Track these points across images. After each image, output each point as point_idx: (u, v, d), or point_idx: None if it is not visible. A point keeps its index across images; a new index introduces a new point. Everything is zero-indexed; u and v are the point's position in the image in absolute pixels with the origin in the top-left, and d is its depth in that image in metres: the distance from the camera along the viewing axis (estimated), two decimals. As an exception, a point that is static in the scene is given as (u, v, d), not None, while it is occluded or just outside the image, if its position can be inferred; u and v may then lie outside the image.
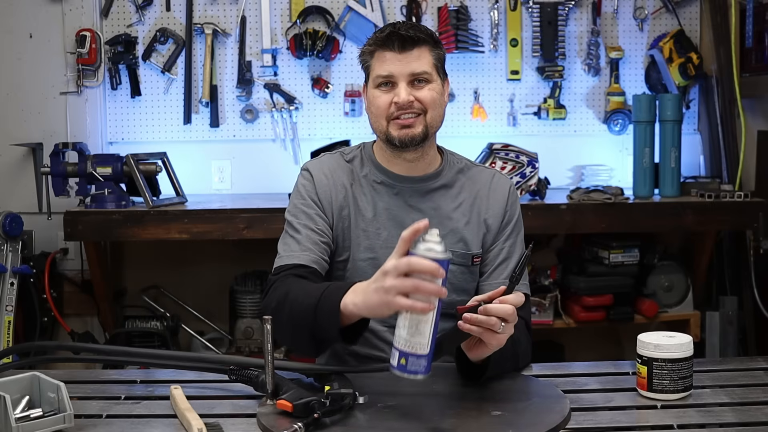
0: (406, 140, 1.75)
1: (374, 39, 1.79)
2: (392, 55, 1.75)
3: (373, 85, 1.79)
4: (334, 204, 1.81)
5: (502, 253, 1.83)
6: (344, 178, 1.84)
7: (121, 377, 1.74)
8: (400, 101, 1.74)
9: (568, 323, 3.22)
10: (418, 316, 1.34)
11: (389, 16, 3.33)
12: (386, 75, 1.75)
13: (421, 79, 1.76)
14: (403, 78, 1.75)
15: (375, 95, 1.78)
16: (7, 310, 3.02)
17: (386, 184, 1.83)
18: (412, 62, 1.75)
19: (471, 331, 1.47)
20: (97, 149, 3.28)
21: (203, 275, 3.40)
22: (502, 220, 1.84)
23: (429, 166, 1.84)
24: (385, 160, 1.84)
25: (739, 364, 1.78)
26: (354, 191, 1.83)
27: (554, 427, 1.39)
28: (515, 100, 3.42)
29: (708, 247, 3.27)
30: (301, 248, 1.74)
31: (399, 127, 1.75)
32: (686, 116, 3.37)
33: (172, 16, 3.33)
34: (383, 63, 1.76)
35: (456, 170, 1.87)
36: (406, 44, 1.74)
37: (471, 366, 1.59)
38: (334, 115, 3.40)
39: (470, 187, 1.86)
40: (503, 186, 1.88)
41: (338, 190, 1.82)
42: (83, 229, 2.94)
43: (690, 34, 3.39)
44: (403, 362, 1.36)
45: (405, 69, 1.75)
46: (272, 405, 1.45)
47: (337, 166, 1.86)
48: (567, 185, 3.41)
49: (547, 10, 3.33)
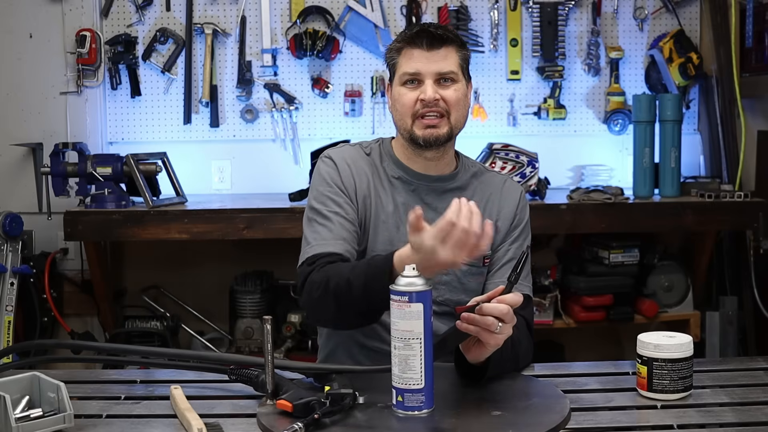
0: (430, 140, 1.76)
1: (403, 36, 1.80)
2: (420, 53, 1.76)
3: (399, 82, 1.79)
4: (358, 192, 1.81)
5: (508, 254, 1.84)
6: (366, 167, 1.84)
7: (121, 377, 1.74)
8: (427, 98, 1.74)
9: (568, 323, 3.22)
10: (407, 352, 1.39)
11: (389, 16, 3.33)
12: (413, 72, 1.76)
13: (447, 78, 1.77)
14: (430, 76, 1.75)
15: (401, 92, 1.78)
16: (7, 310, 3.03)
17: (403, 180, 1.83)
18: (440, 61, 1.76)
19: (468, 330, 1.47)
20: (97, 149, 3.28)
21: (203, 275, 3.40)
22: (511, 223, 1.86)
23: (446, 167, 1.85)
24: (404, 156, 1.84)
25: (739, 364, 1.78)
26: (374, 182, 1.83)
27: (554, 427, 1.39)
28: (515, 100, 3.42)
29: (708, 247, 3.27)
30: (333, 236, 1.74)
31: (424, 126, 1.76)
32: (686, 116, 3.37)
33: (172, 16, 3.33)
34: (411, 60, 1.76)
35: (470, 174, 1.88)
36: (434, 42, 1.75)
37: (470, 367, 1.59)
38: (334, 115, 3.40)
39: (482, 191, 1.87)
40: (515, 191, 1.90)
41: (361, 179, 1.82)
42: (83, 229, 2.94)
43: (690, 34, 3.39)
44: (400, 399, 1.41)
45: (432, 67, 1.75)
46: (272, 405, 1.45)
47: (358, 156, 1.86)
48: (567, 185, 3.41)
49: (547, 10, 3.33)
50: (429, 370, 1.40)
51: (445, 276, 1.80)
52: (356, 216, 1.79)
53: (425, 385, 1.40)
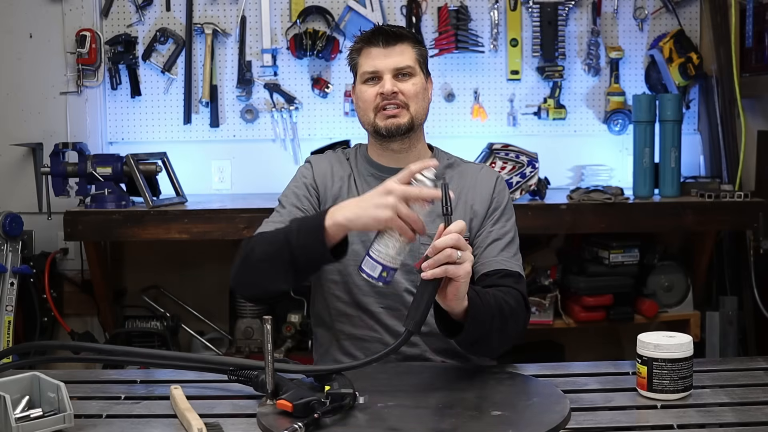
0: (392, 129, 1.86)
1: (360, 37, 1.93)
2: (378, 51, 1.87)
3: (360, 81, 1.90)
4: (329, 192, 1.92)
5: (491, 235, 1.87)
6: (342, 171, 1.95)
7: (121, 377, 1.74)
8: (385, 91, 1.85)
9: (568, 323, 3.22)
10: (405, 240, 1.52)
11: (389, 16, 3.33)
12: (372, 70, 1.87)
13: (405, 73, 1.87)
14: (388, 71, 1.86)
15: (362, 90, 1.89)
16: (7, 310, 3.02)
17: (376, 177, 1.91)
18: (396, 57, 1.87)
19: (435, 275, 1.50)
20: (97, 149, 3.28)
21: (203, 275, 3.40)
22: (488, 207, 1.90)
23: (416, 158, 1.89)
24: (375, 154, 1.94)
25: (739, 364, 1.78)
26: (350, 184, 1.93)
27: (554, 427, 1.39)
28: (515, 100, 3.42)
29: (708, 247, 3.27)
30: (282, 220, 1.81)
31: (385, 117, 1.86)
32: (686, 116, 3.37)
33: (172, 16, 3.33)
34: (369, 59, 1.88)
35: (445, 165, 1.95)
36: (390, 40, 1.87)
37: (454, 324, 1.60)
38: (334, 115, 3.40)
39: (458, 180, 1.92)
40: (490, 177, 1.95)
41: (335, 181, 1.93)
42: (83, 229, 2.94)
43: (690, 34, 3.39)
44: (384, 275, 1.54)
45: (389, 63, 1.86)
46: (272, 405, 1.45)
47: (337, 160, 1.98)
48: (567, 185, 3.41)
49: (547, 10, 3.33)
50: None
51: None
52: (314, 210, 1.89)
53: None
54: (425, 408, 1.46)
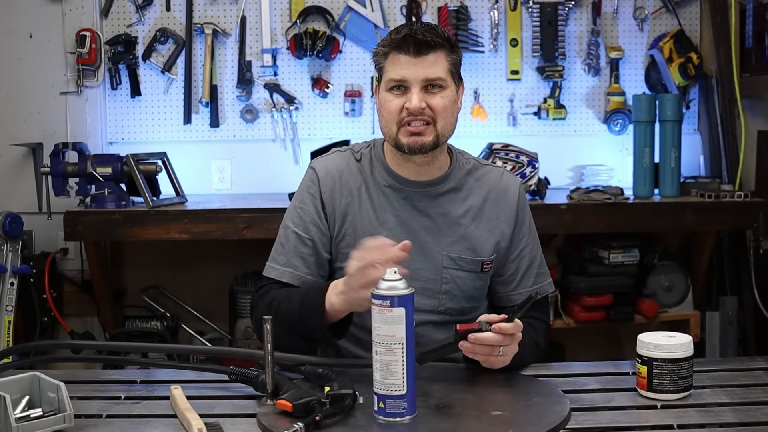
0: (415, 148, 1.72)
1: (389, 40, 1.73)
2: (407, 59, 1.70)
3: (385, 87, 1.74)
4: (337, 210, 1.80)
5: (525, 261, 1.84)
6: (352, 181, 1.81)
7: (121, 377, 1.73)
8: (412, 107, 1.69)
9: (568, 323, 3.21)
10: (388, 358, 1.36)
11: (389, 16, 3.33)
12: (399, 79, 1.71)
13: (435, 85, 1.71)
14: (417, 83, 1.70)
15: (387, 99, 1.73)
16: (7, 310, 3.02)
17: (394, 188, 1.80)
18: (427, 67, 1.70)
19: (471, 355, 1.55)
20: (97, 149, 3.28)
21: (203, 275, 3.40)
22: (514, 225, 1.84)
23: (438, 170, 1.82)
24: (394, 163, 1.81)
25: (739, 364, 1.78)
26: (361, 195, 1.80)
27: (554, 427, 1.39)
28: (515, 100, 3.42)
29: (708, 247, 3.27)
30: (287, 262, 1.80)
31: (409, 134, 1.71)
32: (686, 116, 3.37)
33: (172, 16, 3.33)
34: (396, 66, 1.71)
35: (465, 172, 1.84)
36: (421, 48, 1.69)
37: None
38: (334, 115, 3.40)
39: (479, 190, 1.84)
40: (512, 188, 1.85)
41: (344, 196, 1.80)
42: (83, 229, 2.94)
43: (690, 34, 3.39)
44: (381, 405, 1.38)
45: (419, 74, 1.69)
46: (272, 405, 1.45)
47: (346, 167, 1.83)
48: (567, 185, 3.41)
49: (547, 10, 3.33)
50: (411, 376, 1.37)
51: (445, 285, 1.80)
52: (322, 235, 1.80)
53: (407, 392, 1.37)
54: (425, 408, 1.46)
